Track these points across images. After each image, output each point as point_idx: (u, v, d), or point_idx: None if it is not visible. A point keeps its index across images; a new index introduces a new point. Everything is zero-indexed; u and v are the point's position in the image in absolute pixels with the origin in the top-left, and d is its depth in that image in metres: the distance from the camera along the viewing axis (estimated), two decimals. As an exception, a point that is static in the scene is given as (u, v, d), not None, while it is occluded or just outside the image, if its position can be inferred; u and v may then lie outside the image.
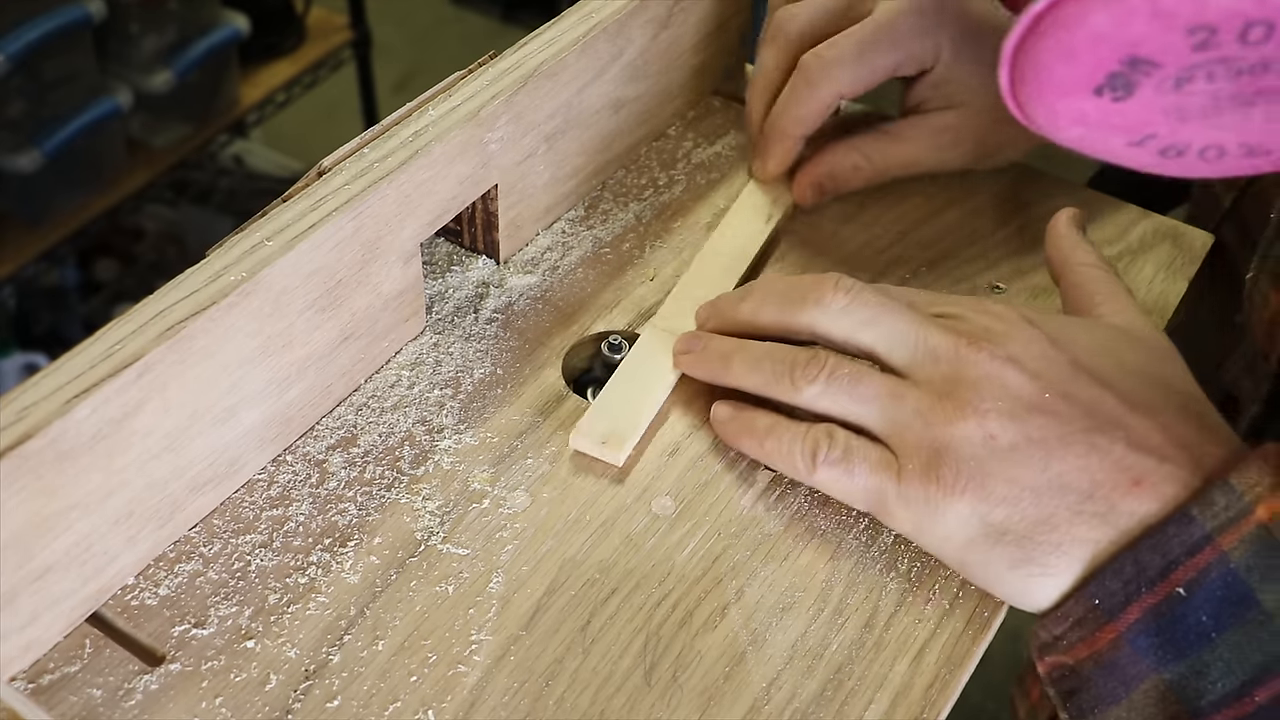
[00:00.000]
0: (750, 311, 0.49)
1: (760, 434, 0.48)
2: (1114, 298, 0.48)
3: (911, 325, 0.45)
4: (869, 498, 0.45)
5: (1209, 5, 0.32)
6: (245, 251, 0.44)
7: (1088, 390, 0.43)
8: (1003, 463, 0.42)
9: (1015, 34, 0.35)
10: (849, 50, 0.55)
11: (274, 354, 0.45)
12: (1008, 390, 0.43)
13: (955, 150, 0.59)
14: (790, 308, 0.48)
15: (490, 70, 0.53)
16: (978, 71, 0.57)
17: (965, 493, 0.43)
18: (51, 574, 0.40)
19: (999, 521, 0.43)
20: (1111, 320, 0.47)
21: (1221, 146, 0.36)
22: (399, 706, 0.41)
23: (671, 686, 0.42)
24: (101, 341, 0.40)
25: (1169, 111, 0.35)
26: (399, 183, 0.48)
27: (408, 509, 0.47)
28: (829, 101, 0.56)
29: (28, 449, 0.37)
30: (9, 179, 1.46)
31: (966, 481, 0.43)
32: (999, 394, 0.43)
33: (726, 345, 0.50)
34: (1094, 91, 0.35)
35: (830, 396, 0.46)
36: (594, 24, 0.55)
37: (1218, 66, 0.34)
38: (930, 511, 0.44)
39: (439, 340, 0.53)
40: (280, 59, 1.79)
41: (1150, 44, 0.33)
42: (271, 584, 0.44)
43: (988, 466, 0.43)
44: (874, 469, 0.45)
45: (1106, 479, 0.42)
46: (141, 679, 0.41)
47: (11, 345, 1.68)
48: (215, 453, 0.45)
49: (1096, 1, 0.33)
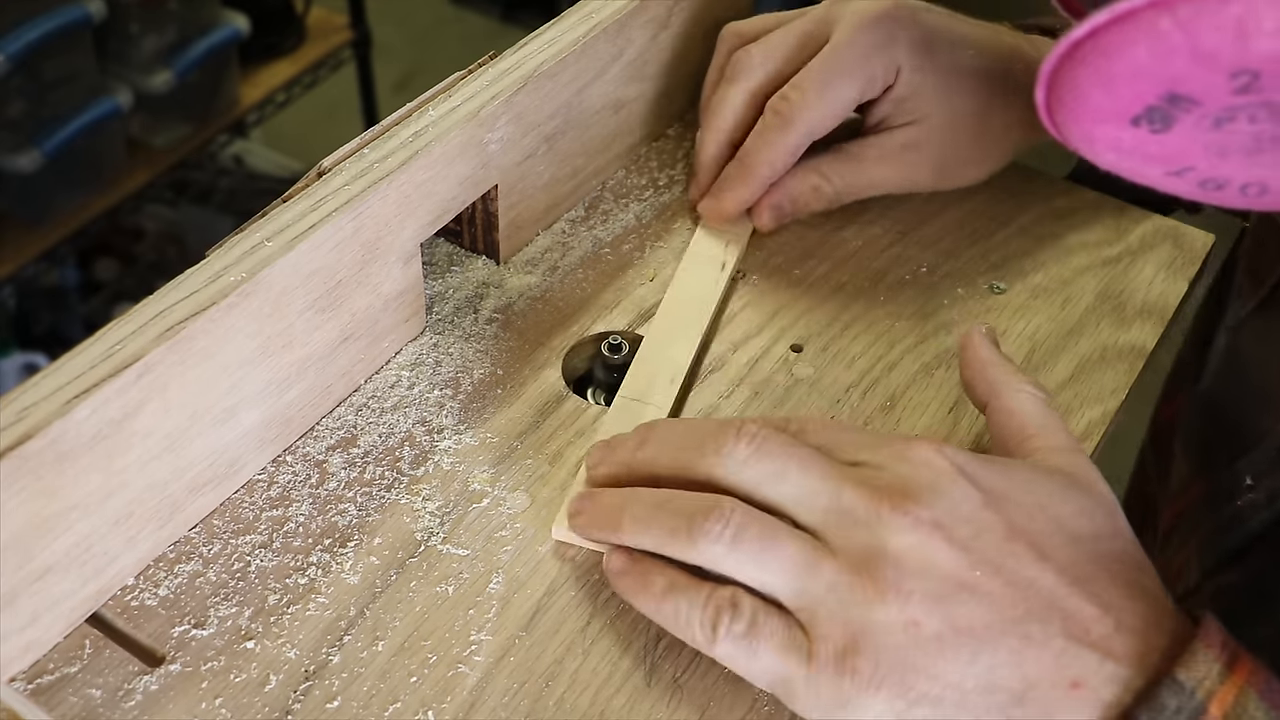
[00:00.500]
0: (647, 459, 0.44)
1: (656, 595, 0.41)
2: (1049, 431, 0.43)
3: (825, 481, 0.40)
4: (773, 681, 0.39)
5: (1251, 51, 0.31)
6: (245, 252, 0.44)
7: (1024, 567, 0.38)
8: (926, 655, 0.37)
9: (1054, 56, 0.34)
10: (814, 89, 0.55)
11: (274, 354, 0.45)
12: (933, 566, 0.38)
13: (918, 169, 0.58)
14: (688, 456, 0.42)
15: (490, 70, 0.53)
16: (937, 85, 0.56)
17: (882, 688, 0.38)
18: (51, 574, 0.40)
19: (917, 718, 0.38)
20: (1048, 460, 0.42)
21: (1264, 184, 0.35)
22: (399, 707, 0.41)
23: (672, 688, 0.42)
24: (101, 342, 0.40)
25: (1209, 147, 0.34)
26: (399, 183, 0.48)
27: (408, 509, 0.47)
28: (801, 143, 0.56)
29: (28, 449, 0.37)
30: (9, 179, 1.46)
31: (885, 675, 0.38)
32: (923, 571, 0.38)
33: (615, 498, 0.43)
34: (1131, 122, 0.34)
35: (734, 560, 0.40)
36: (594, 24, 0.55)
37: (1260, 109, 0.32)
38: (841, 705, 0.38)
39: (439, 341, 0.53)
40: (280, 59, 1.79)
41: (1191, 83, 0.32)
42: (271, 584, 0.44)
43: (909, 658, 0.37)
44: (780, 650, 0.39)
45: (1042, 678, 0.37)
46: (141, 679, 0.41)
47: (11, 345, 1.68)
48: (215, 453, 0.45)
49: (1138, 34, 0.32)
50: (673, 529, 0.41)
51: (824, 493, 0.40)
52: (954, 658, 0.37)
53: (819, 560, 0.39)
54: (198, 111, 1.66)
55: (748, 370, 0.53)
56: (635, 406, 0.50)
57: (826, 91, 0.55)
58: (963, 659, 0.37)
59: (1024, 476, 0.40)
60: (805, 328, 0.55)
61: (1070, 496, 0.40)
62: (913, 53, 0.56)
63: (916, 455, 0.40)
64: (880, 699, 0.38)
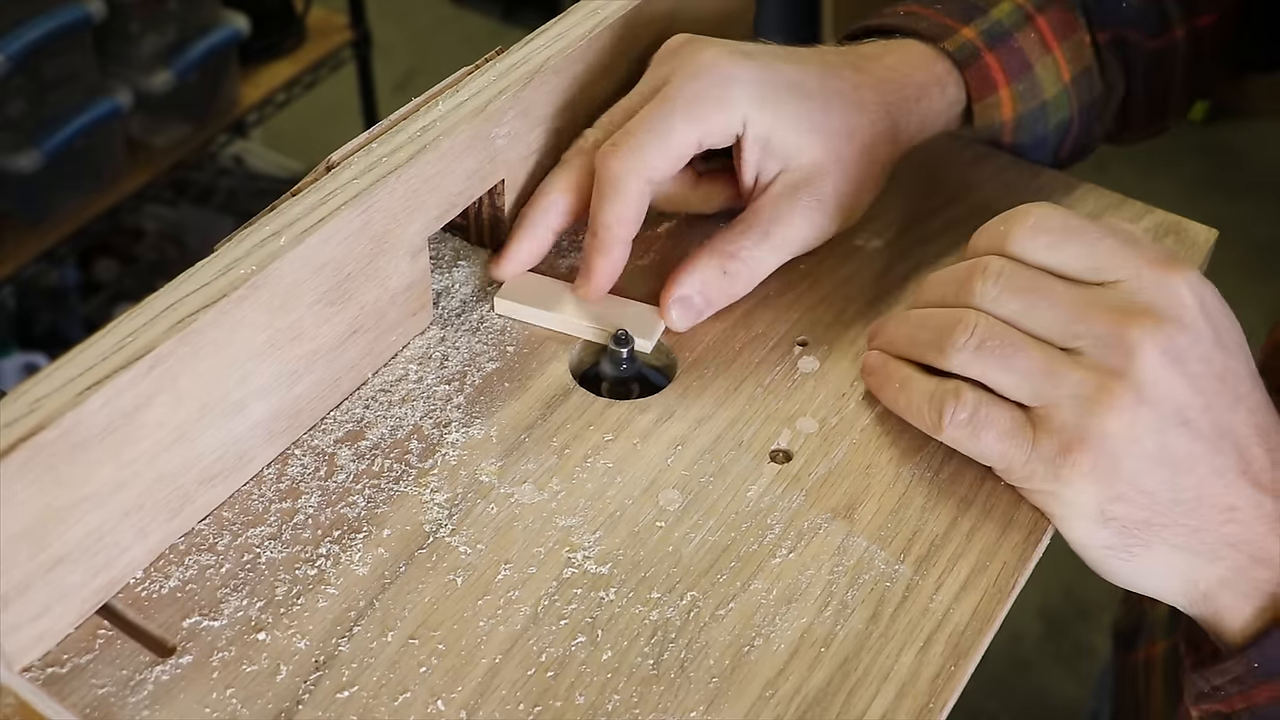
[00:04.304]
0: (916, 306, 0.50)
1: (894, 388, 0.49)
2: None
3: (1073, 311, 0.45)
4: (993, 460, 0.47)
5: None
6: (255, 245, 0.44)
7: (1226, 410, 0.45)
8: (1135, 466, 0.44)
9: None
10: (643, 130, 0.51)
11: (283, 347, 0.46)
12: (1165, 395, 0.44)
13: (820, 213, 0.54)
14: (946, 295, 0.49)
15: (497, 65, 0.53)
16: (794, 116, 0.53)
17: (1093, 481, 0.44)
18: (63, 565, 0.41)
19: (1112, 512, 0.45)
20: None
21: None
22: (409, 697, 0.41)
23: (679, 678, 0.43)
24: (113, 334, 0.41)
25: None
26: (407, 177, 0.48)
27: (416, 501, 0.47)
28: (644, 190, 0.51)
29: (41, 440, 0.38)
30: (9, 179, 1.46)
31: (1099, 472, 0.44)
32: (1156, 398, 0.44)
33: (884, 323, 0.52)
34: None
35: (979, 365, 0.46)
36: (599, 20, 0.56)
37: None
38: (1052, 483, 0.45)
39: (446, 334, 0.54)
40: (280, 59, 1.79)
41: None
42: (281, 576, 0.45)
43: (1122, 465, 0.44)
44: (1002, 436, 0.46)
45: (1211, 499, 0.45)
46: (152, 670, 0.42)
47: (11, 345, 1.68)
48: (225, 445, 0.45)
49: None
50: (926, 340, 0.48)
51: (1074, 322, 0.45)
52: (1156, 473, 0.44)
53: (1062, 368, 0.45)
54: (198, 111, 1.66)
55: (754, 363, 0.53)
56: None
57: (659, 135, 0.51)
58: (1162, 475, 0.44)
59: (1230, 320, 0.46)
60: (810, 323, 0.55)
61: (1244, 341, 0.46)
62: (757, 90, 0.52)
63: (1172, 284, 0.44)
64: (1088, 489, 0.45)
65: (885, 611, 0.45)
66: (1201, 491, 0.44)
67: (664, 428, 0.50)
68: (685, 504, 0.48)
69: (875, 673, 0.43)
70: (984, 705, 1.64)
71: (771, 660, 0.43)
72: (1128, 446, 0.44)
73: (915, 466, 0.49)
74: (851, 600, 0.45)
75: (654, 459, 0.49)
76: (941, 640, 0.44)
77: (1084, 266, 0.46)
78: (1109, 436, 0.44)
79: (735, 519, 0.47)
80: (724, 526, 0.47)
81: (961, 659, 0.44)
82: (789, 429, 0.51)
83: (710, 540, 0.47)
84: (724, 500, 0.48)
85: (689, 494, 0.48)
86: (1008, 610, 0.46)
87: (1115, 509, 0.45)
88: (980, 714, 1.63)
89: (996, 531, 0.47)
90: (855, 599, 0.45)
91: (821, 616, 0.44)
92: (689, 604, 0.45)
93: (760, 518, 0.47)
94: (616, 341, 0.53)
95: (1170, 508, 0.45)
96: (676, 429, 0.50)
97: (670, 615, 0.44)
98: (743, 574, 0.46)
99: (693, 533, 0.47)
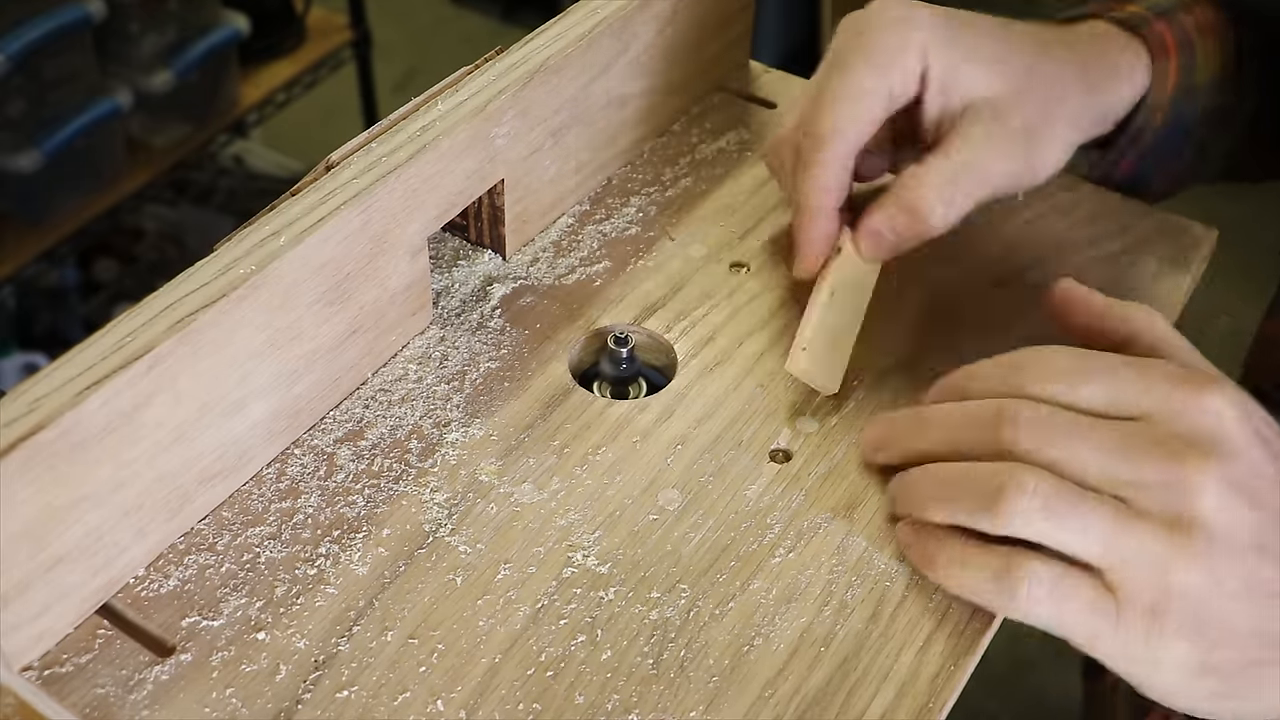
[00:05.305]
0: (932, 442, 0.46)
1: (948, 566, 0.44)
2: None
3: (1121, 453, 0.41)
4: (1078, 635, 0.42)
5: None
6: (255, 245, 0.44)
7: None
8: (1224, 608, 0.41)
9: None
10: (835, 92, 0.50)
11: (282, 347, 0.46)
12: (1237, 528, 0.41)
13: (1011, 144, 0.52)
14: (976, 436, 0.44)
15: (497, 65, 0.53)
16: (975, 50, 0.52)
17: (1185, 638, 0.41)
18: (63, 565, 0.41)
19: (1213, 661, 0.42)
20: None
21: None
22: (408, 696, 0.41)
23: (679, 677, 0.42)
24: (112, 334, 0.41)
25: None
26: (406, 177, 0.48)
27: (416, 501, 0.47)
28: (844, 156, 0.51)
29: (40, 439, 0.38)
30: (9, 179, 1.46)
31: (1191, 627, 0.41)
32: (1228, 534, 0.41)
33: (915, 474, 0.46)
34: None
35: (1044, 527, 0.41)
36: (599, 20, 0.56)
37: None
38: (1146, 650, 0.42)
39: (445, 334, 0.53)
40: (280, 59, 1.79)
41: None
42: (281, 575, 0.45)
43: (1211, 610, 0.41)
44: (1086, 610, 0.42)
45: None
46: (152, 670, 0.42)
47: (11, 345, 1.68)
48: (224, 445, 0.45)
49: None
50: (971, 505, 0.43)
51: (1123, 465, 0.41)
52: (1247, 611, 0.41)
53: (1129, 523, 0.41)
54: (198, 111, 1.66)
55: (754, 362, 0.53)
56: None
57: (848, 92, 0.50)
58: (1255, 612, 0.41)
59: (1268, 421, 0.43)
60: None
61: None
62: (932, 28, 0.51)
63: (1208, 406, 0.42)
64: (1183, 646, 0.41)
65: (885, 611, 0.45)
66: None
67: (663, 427, 0.50)
68: (685, 503, 0.48)
69: (875, 672, 0.43)
70: (984, 705, 1.64)
71: (771, 660, 0.43)
72: (1212, 592, 0.41)
73: (915, 466, 0.49)
74: (851, 600, 0.45)
75: (654, 458, 0.49)
76: (941, 640, 0.44)
77: (1107, 402, 0.43)
78: (1192, 588, 0.41)
79: (735, 518, 0.47)
80: (724, 526, 0.47)
81: (961, 659, 0.44)
82: (789, 429, 0.51)
83: (710, 540, 0.47)
84: (724, 500, 0.48)
85: (689, 493, 0.48)
86: (1007, 610, 0.46)
87: (1214, 657, 0.41)
88: (980, 714, 1.63)
89: (996, 531, 0.47)
90: (855, 599, 0.45)
91: (821, 616, 0.44)
92: (688, 603, 0.45)
93: (760, 517, 0.47)
94: (616, 341, 0.53)
95: (1265, 641, 0.41)
96: (676, 428, 0.50)
97: (670, 615, 0.44)
98: (742, 573, 0.46)
99: (692, 532, 0.47)
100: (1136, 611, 0.41)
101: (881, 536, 0.47)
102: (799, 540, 0.47)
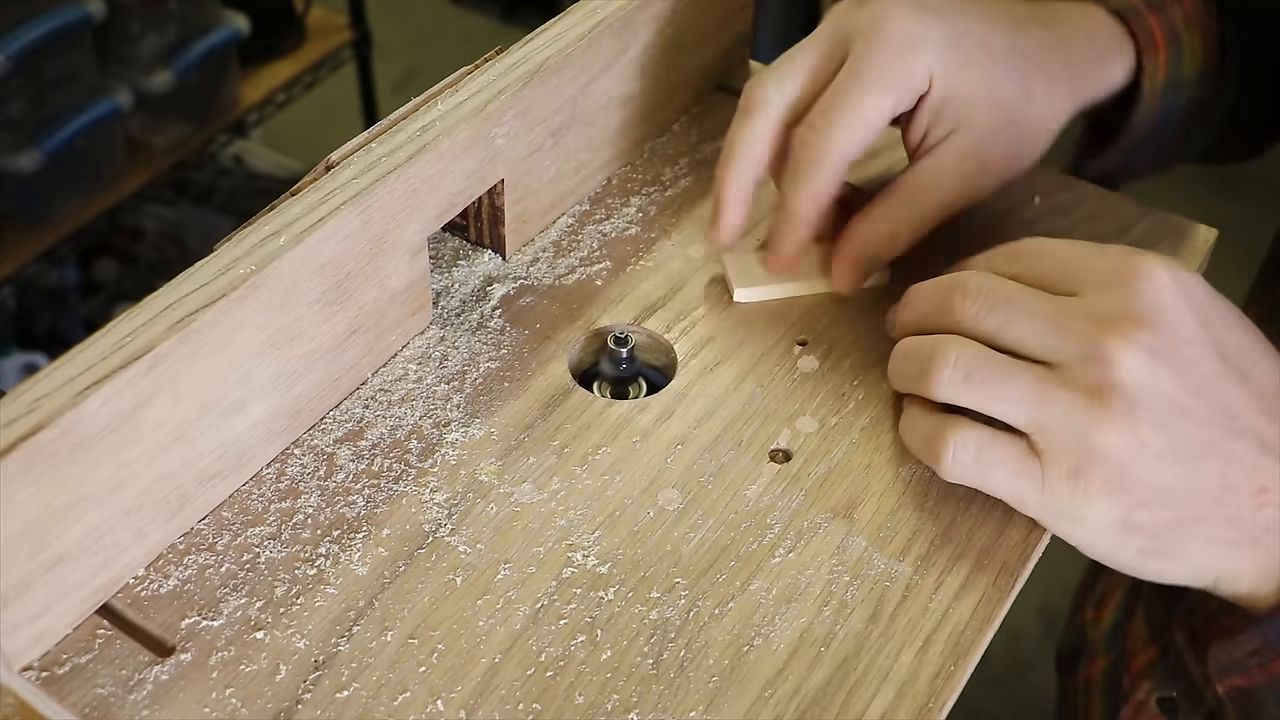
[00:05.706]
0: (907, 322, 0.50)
1: (901, 430, 0.49)
2: None
3: (1050, 321, 0.44)
4: (1005, 496, 0.46)
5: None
6: (254, 245, 0.44)
7: (1230, 391, 0.43)
8: (1147, 468, 0.43)
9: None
10: (841, 112, 0.51)
11: (282, 347, 0.46)
12: (1158, 392, 0.43)
13: (980, 177, 0.54)
14: (932, 319, 0.48)
15: (497, 65, 0.53)
16: (975, 79, 0.53)
17: (1107, 496, 0.43)
18: (62, 565, 0.41)
19: (1137, 519, 0.44)
20: None
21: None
22: (408, 697, 0.41)
23: (679, 677, 0.42)
24: (112, 334, 0.41)
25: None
26: (406, 177, 0.48)
27: (415, 501, 0.47)
28: (841, 169, 0.52)
29: (40, 439, 0.38)
30: (9, 179, 1.46)
31: (1112, 486, 0.43)
32: (1149, 398, 0.42)
33: None
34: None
35: (970, 395, 0.45)
36: (599, 20, 0.56)
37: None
38: (1071, 508, 0.44)
39: (445, 334, 0.53)
40: (280, 59, 1.79)
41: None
42: (280, 575, 0.45)
43: (1133, 472, 0.43)
44: (1011, 474, 0.45)
45: (1239, 484, 0.43)
46: (152, 670, 0.42)
47: (11, 345, 1.68)
48: (224, 445, 0.45)
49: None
50: (913, 374, 0.47)
51: (1054, 335, 0.44)
52: (1170, 470, 0.43)
53: (1053, 390, 0.43)
54: (198, 111, 1.66)
55: (754, 362, 0.53)
56: None
57: (856, 112, 0.51)
58: (1177, 470, 0.43)
59: (1213, 298, 0.45)
60: (809, 323, 0.55)
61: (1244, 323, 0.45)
62: (943, 51, 0.52)
63: (1141, 276, 0.44)
64: (1104, 505, 0.44)
65: (885, 611, 0.45)
66: (1226, 478, 0.43)
67: (663, 427, 0.50)
68: (685, 503, 0.48)
69: (875, 672, 0.43)
70: (984, 705, 1.64)
71: (771, 660, 0.43)
72: (1135, 452, 0.43)
73: (915, 466, 0.49)
74: (851, 600, 0.45)
75: (653, 458, 0.49)
76: (941, 640, 0.44)
77: (1058, 279, 0.45)
78: (1113, 449, 0.43)
79: (735, 518, 0.47)
80: (723, 526, 0.47)
81: (961, 659, 0.44)
82: (789, 429, 0.51)
83: (710, 540, 0.47)
84: (723, 500, 0.48)
85: (688, 493, 0.48)
86: (1007, 610, 0.46)
87: (1139, 515, 0.44)
88: (980, 714, 1.63)
89: (996, 531, 0.47)
90: (855, 598, 0.45)
91: (821, 616, 0.44)
92: (688, 603, 0.45)
93: (760, 517, 0.47)
94: (616, 341, 0.53)
95: (1196, 500, 0.43)
96: (676, 428, 0.50)
97: (670, 615, 0.44)
98: (742, 573, 0.46)
99: (692, 532, 0.47)
100: (1060, 473, 0.44)
101: (881, 536, 0.47)
102: (799, 540, 0.47)
